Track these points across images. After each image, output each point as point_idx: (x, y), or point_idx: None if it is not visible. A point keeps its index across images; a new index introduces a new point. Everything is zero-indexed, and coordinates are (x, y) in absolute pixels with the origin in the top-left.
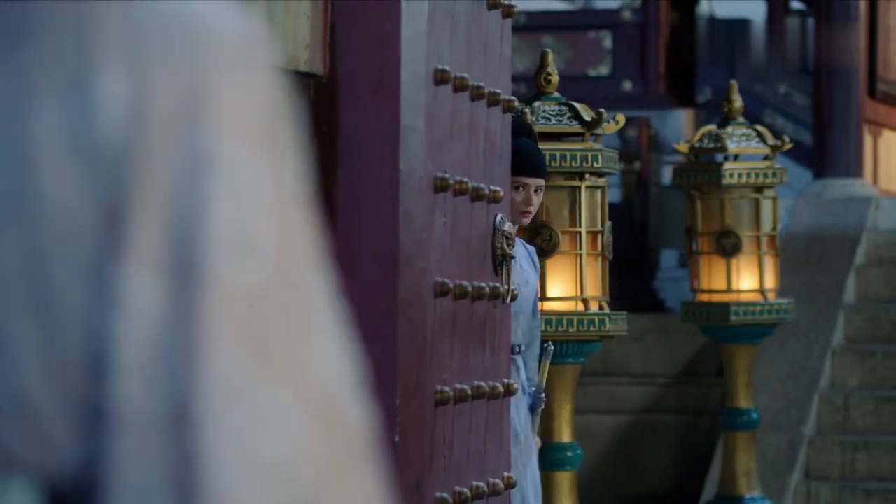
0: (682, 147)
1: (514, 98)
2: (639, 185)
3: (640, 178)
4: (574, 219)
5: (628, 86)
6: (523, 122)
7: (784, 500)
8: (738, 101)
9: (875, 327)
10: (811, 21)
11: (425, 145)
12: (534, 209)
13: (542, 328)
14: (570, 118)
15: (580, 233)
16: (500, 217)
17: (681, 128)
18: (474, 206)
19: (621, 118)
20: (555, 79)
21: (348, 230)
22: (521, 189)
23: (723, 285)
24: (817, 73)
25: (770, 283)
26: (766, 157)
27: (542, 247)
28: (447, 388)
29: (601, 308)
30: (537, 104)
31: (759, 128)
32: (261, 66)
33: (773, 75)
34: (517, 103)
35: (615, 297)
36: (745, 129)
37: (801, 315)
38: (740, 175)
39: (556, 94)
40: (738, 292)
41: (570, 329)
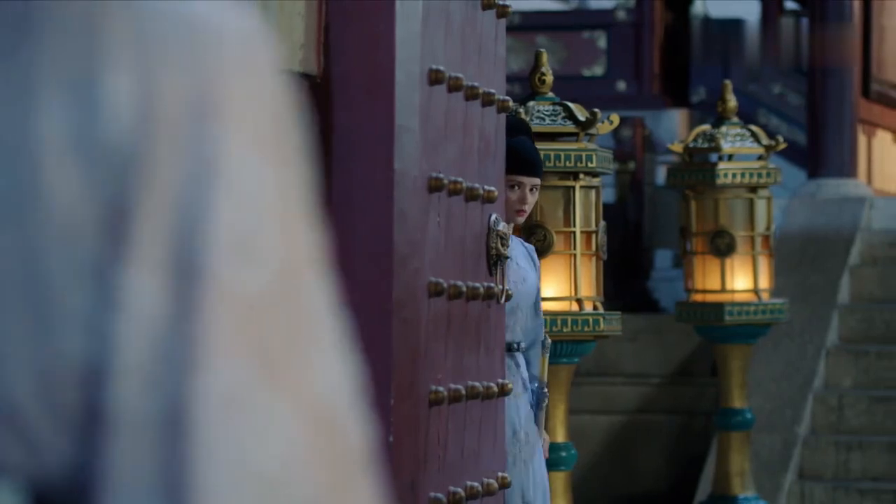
0: (677, 147)
1: (508, 98)
2: (633, 185)
3: (635, 178)
4: (568, 219)
5: (622, 86)
6: (521, 120)
7: (778, 500)
8: (732, 101)
9: (869, 327)
10: (805, 21)
11: (420, 145)
12: (529, 208)
13: None
14: (564, 118)
15: (574, 233)
16: (494, 217)
17: (675, 128)
18: (469, 206)
19: (615, 118)
20: (549, 79)
21: (343, 230)
22: (516, 188)
23: (717, 285)
24: (811, 73)
25: (764, 283)
26: (761, 157)
27: (536, 247)
28: (441, 388)
29: (595, 308)
30: (532, 104)
31: (754, 128)
32: (267, 69)
33: (767, 75)
34: (511, 103)
35: (609, 297)
36: (739, 129)
37: (795, 315)
38: (734, 175)
39: (551, 94)
40: (733, 292)
41: (565, 329)
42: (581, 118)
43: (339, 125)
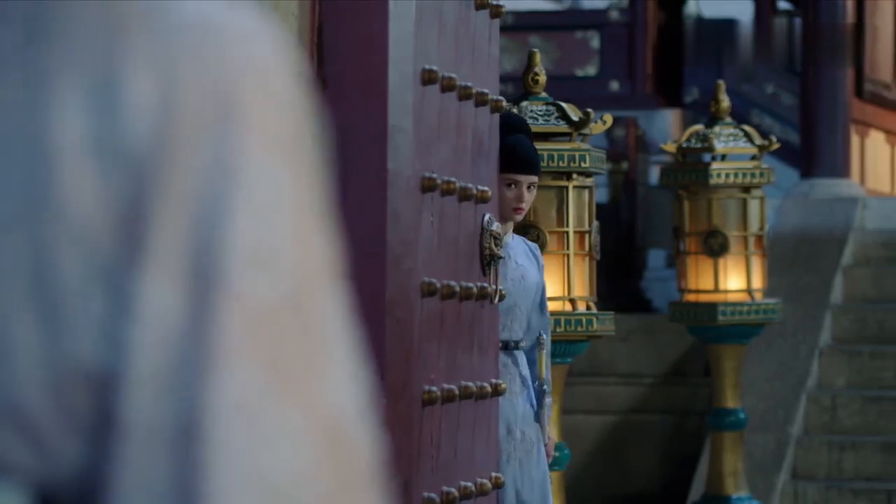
0: (670, 147)
1: (501, 98)
2: (626, 185)
3: (628, 178)
4: (562, 219)
5: (616, 86)
6: (519, 118)
7: (771, 500)
8: (725, 101)
9: (862, 327)
10: (798, 21)
11: (413, 145)
12: (526, 206)
13: None
14: (557, 118)
15: (567, 233)
16: (487, 217)
17: (668, 128)
18: (462, 206)
19: (609, 118)
20: (542, 79)
21: (336, 230)
22: (512, 186)
23: (710, 285)
24: (804, 73)
25: (757, 283)
26: (754, 157)
27: None
28: (434, 388)
29: (588, 308)
30: (525, 104)
31: (747, 128)
32: (285, 74)
33: (760, 75)
34: (505, 103)
35: (602, 297)
36: (732, 129)
37: (788, 315)
38: (727, 175)
39: (544, 94)
40: (726, 292)
41: (558, 329)
42: (574, 118)
43: (332, 125)
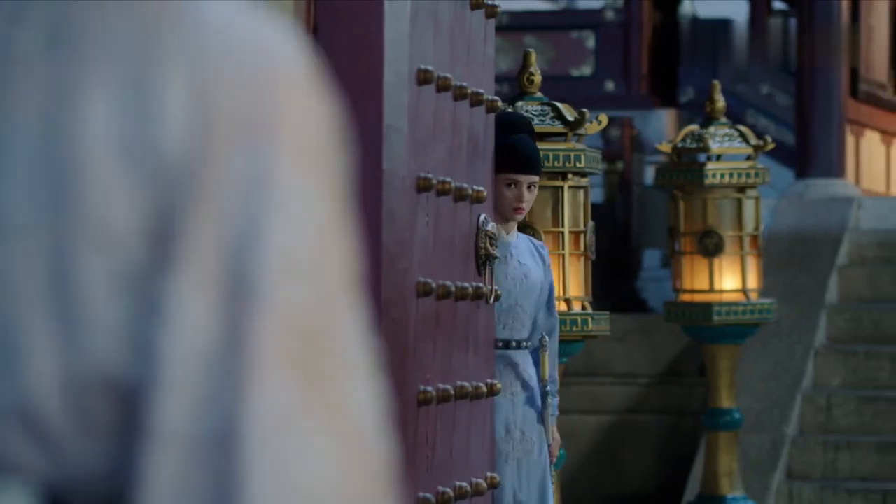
0: (665, 147)
1: (497, 98)
2: (621, 185)
3: (623, 178)
4: (557, 219)
5: (611, 86)
6: (521, 117)
7: (766, 500)
8: (720, 102)
9: (857, 327)
10: (794, 21)
11: (408, 145)
12: (527, 205)
13: None
14: (552, 118)
15: (563, 233)
16: (483, 217)
17: (663, 128)
18: (457, 206)
19: (604, 118)
20: (537, 79)
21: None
22: (512, 186)
23: (705, 285)
24: (800, 73)
25: (752, 283)
26: (749, 158)
27: None
28: (430, 388)
29: (584, 308)
30: (520, 104)
31: (742, 128)
32: (314, 88)
33: (755, 75)
34: (500, 103)
35: (598, 297)
36: (727, 130)
37: (783, 315)
38: (723, 175)
39: (539, 94)
40: (721, 292)
41: None
42: (569, 118)
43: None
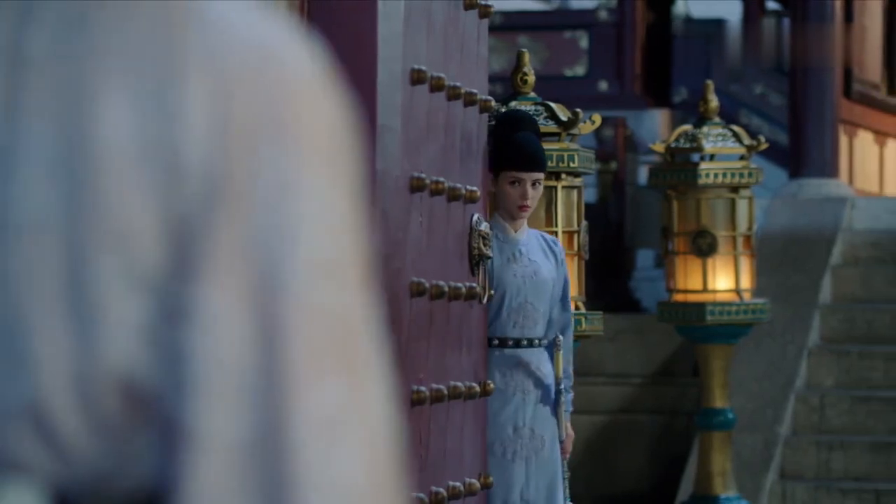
0: (658, 147)
1: (490, 98)
2: (615, 185)
3: (617, 178)
4: (550, 218)
5: (604, 86)
6: (525, 114)
7: (759, 500)
8: (713, 102)
9: (851, 327)
10: (787, 21)
11: (401, 145)
12: (532, 203)
13: None
14: (546, 118)
15: (556, 232)
16: (476, 217)
17: (657, 128)
18: (451, 206)
19: (597, 118)
20: (531, 79)
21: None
22: (516, 184)
23: (698, 285)
24: (793, 73)
25: (746, 283)
26: (742, 158)
27: None
28: (423, 388)
29: (577, 308)
30: (513, 104)
31: (735, 128)
32: (329, 92)
33: (748, 75)
34: (493, 103)
35: (591, 296)
36: (720, 130)
37: (776, 315)
38: (716, 175)
39: (533, 94)
40: (714, 292)
41: None
42: (563, 118)
43: None
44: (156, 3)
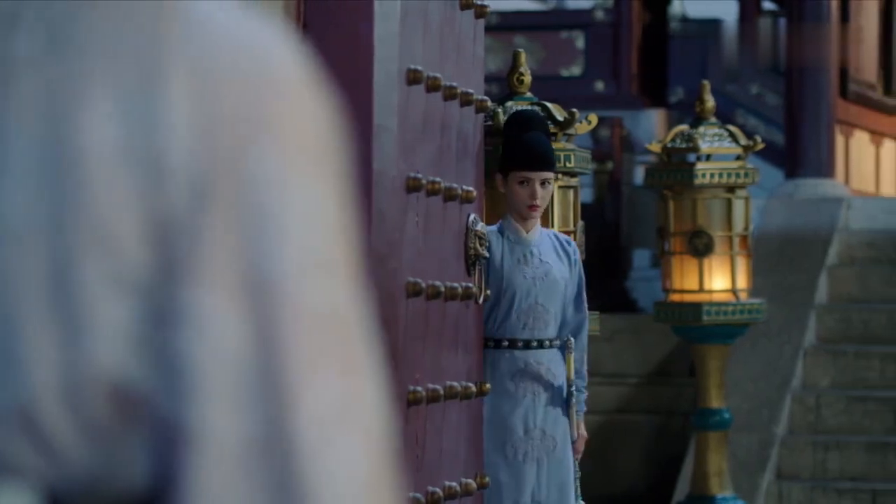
0: (655, 147)
1: (486, 98)
2: (611, 185)
3: (613, 178)
4: (546, 219)
5: (601, 86)
6: (533, 113)
7: (756, 499)
8: (710, 102)
9: (847, 327)
10: (783, 21)
11: (398, 145)
12: (542, 202)
13: None
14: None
15: None
16: (472, 217)
17: (653, 128)
18: (447, 206)
19: (594, 118)
20: (527, 79)
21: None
22: (525, 184)
23: (695, 285)
24: (789, 73)
25: (742, 283)
26: (738, 158)
27: None
28: (419, 388)
29: None
30: (510, 104)
31: (732, 128)
32: (313, 90)
33: (745, 75)
34: (490, 103)
35: (587, 296)
36: (717, 130)
37: (773, 315)
38: (712, 175)
39: (529, 94)
40: (711, 292)
41: None
42: (559, 118)
43: None
44: (143, 2)
